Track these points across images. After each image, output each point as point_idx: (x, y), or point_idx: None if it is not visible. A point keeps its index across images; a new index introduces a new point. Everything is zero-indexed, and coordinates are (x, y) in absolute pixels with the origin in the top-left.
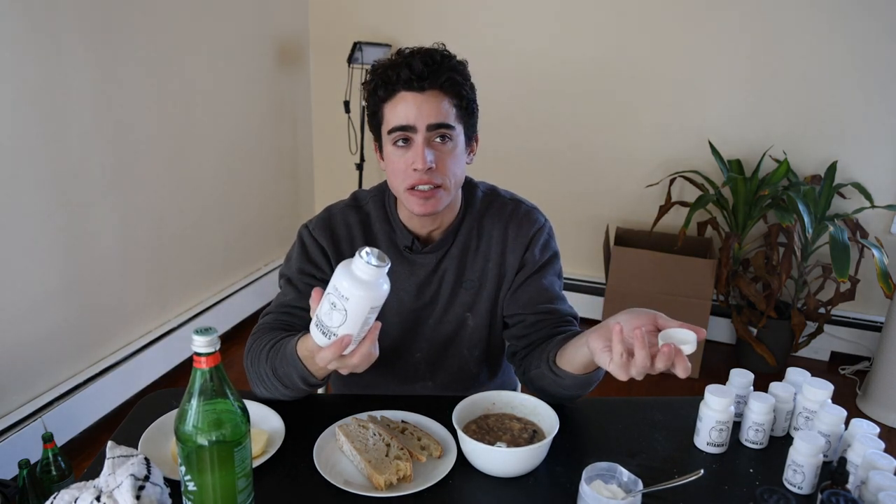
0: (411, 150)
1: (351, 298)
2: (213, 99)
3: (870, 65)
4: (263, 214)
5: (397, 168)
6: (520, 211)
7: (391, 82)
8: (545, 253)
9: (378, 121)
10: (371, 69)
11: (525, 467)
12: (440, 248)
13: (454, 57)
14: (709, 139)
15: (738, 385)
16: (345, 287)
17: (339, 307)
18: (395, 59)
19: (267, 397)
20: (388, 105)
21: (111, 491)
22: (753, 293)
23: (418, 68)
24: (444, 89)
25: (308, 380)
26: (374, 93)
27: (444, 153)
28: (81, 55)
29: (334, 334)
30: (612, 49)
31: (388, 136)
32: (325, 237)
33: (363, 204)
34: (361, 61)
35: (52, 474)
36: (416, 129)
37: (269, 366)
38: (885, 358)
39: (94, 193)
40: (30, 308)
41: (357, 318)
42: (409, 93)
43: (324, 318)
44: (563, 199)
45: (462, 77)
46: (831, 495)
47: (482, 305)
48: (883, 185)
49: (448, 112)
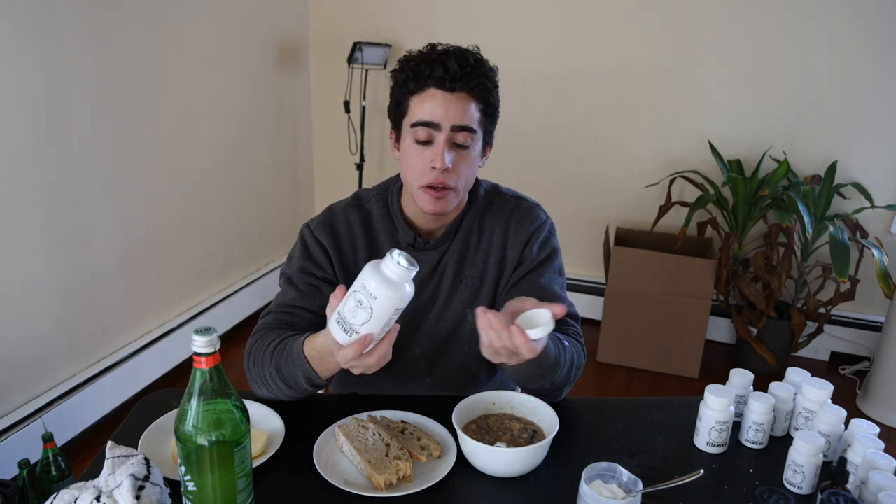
0: (432, 148)
1: (379, 297)
2: (213, 99)
3: (870, 65)
4: (263, 214)
5: (415, 164)
6: (521, 207)
7: (423, 77)
8: (544, 250)
9: (402, 112)
10: (403, 59)
11: (525, 467)
12: (442, 245)
13: (487, 62)
14: (709, 139)
15: (737, 385)
16: (373, 286)
17: (366, 305)
18: (429, 53)
19: (268, 398)
20: (415, 98)
21: (111, 491)
22: (753, 293)
23: (453, 68)
24: (474, 93)
25: (313, 380)
26: (403, 84)
27: (462, 156)
28: (81, 55)
29: (356, 332)
30: (612, 49)
31: (411, 129)
32: (326, 236)
33: (365, 202)
34: (361, 61)
35: (52, 474)
36: (440, 128)
37: (273, 365)
38: (884, 358)
39: (94, 193)
40: (30, 308)
41: (381, 318)
42: (440, 91)
43: (347, 315)
44: (563, 198)
45: (492, 84)
46: (831, 495)
47: (482, 301)
48: (883, 185)
49: (473, 116)
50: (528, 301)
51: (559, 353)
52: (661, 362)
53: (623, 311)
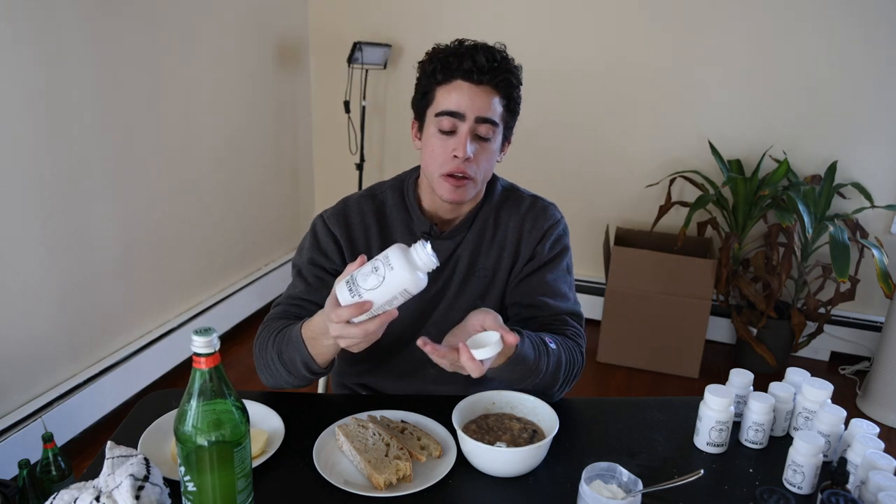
0: (455, 137)
1: (395, 269)
2: (213, 99)
3: (870, 65)
4: (263, 214)
5: (437, 153)
6: (537, 205)
7: (451, 68)
8: (555, 247)
9: (427, 102)
10: (432, 51)
11: (525, 467)
12: (457, 235)
13: (513, 60)
14: (709, 139)
15: (737, 385)
16: (394, 258)
17: (381, 273)
18: (457, 47)
19: (273, 386)
20: (442, 89)
21: (111, 491)
22: (753, 293)
23: (480, 62)
24: (498, 87)
25: (310, 365)
26: (431, 74)
27: (483, 148)
28: (82, 56)
29: (360, 295)
30: (612, 49)
31: (435, 118)
32: (339, 227)
33: (379, 193)
34: (361, 61)
35: (52, 474)
36: (464, 118)
37: (275, 350)
38: (884, 358)
39: (94, 193)
40: (30, 308)
41: (388, 291)
42: (466, 83)
43: (359, 277)
44: (563, 198)
45: (516, 80)
46: (831, 495)
47: (493, 295)
48: (883, 185)
49: (496, 109)
50: (489, 315)
51: (539, 355)
52: (661, 362)
53: (623, 311)
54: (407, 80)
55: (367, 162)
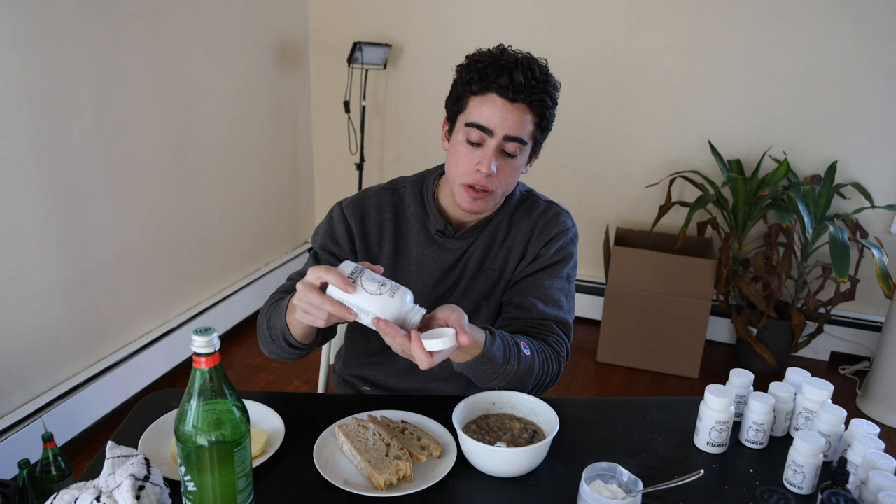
0: (481, 150)
1: (393, 299)
2: (212, 99)
3: (870, 65)
4: (263, 214)
5: (462, 161)
6: (550, 211)
7: (487, 81)
8: (560, 253)
9: (460, 108)
10: (472, 57)
11: (525, 467)
12: (469, 236)
13: (552, 77)
14: (709, 139)
15: (738, 385)
16: (399, 295)
17: (382, 289)
18: (498, 57)
19: (267, 353)
20: (475, 99)
21: (111, 491)
22: (753, 293)
23: (518, 79)
24: (532, 107)
25: (286, 336)
26: (467, 83)
27: (507, 164)
28: (82, 56)
29: (354, 282)
30: (612, 49)
31: (465, 127)
32: (354, 216)
33: (399, 187)
34: (361, 61)
35: (52, 474)
36: (493, 134)
37: (266, 317)
38: (884, 358)
39: (95, 193)
40: (30, 308)
41: (370, 304)
42: (500, 98)
43: (366, 274)
44: (562, 198)
45: (552, 101)
46: (831, 495)
47: (497, 295)
48: (883, 185)
49: (527, 128)
50: (455, 313)
51: (509, 359)
52: (660, 362)
53: (623, 311)
54: (407, 80)
55: (366, 162)
